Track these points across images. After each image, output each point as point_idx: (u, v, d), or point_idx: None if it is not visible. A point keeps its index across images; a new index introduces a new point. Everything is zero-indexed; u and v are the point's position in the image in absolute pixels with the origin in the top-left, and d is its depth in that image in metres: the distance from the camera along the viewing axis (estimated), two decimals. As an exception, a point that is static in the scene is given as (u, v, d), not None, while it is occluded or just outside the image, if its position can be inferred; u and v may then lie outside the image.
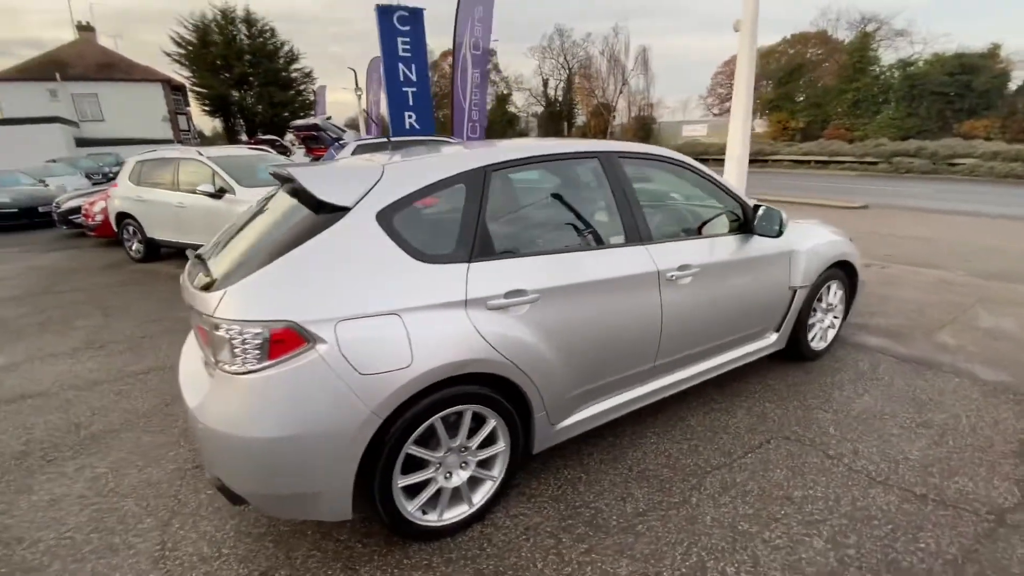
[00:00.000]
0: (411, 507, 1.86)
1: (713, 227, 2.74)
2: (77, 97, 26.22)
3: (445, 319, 1.76)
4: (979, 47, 28.72)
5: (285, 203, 2.04)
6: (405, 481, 1.82)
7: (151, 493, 2.31)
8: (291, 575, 1.83)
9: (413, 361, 1.66)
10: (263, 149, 8.75)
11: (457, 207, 1.93)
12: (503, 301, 1.87)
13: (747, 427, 2.68)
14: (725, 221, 2.77)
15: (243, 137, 33.25)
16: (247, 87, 35.63)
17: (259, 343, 1.55)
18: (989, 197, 12.89)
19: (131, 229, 7.29)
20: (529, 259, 2.02)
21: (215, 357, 1.63)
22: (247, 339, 1.55)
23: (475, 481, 2.03)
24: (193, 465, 2.48)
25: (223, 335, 1.57)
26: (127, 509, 2.21)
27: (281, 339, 1.56)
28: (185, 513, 2.17)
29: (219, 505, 2.19)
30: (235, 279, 1.64)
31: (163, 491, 2.32)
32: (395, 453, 1.73)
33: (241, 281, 1.62)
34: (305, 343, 1.57)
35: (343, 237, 1.70)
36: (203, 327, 1.68)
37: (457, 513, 1.97)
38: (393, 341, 1.66)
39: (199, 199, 6.13)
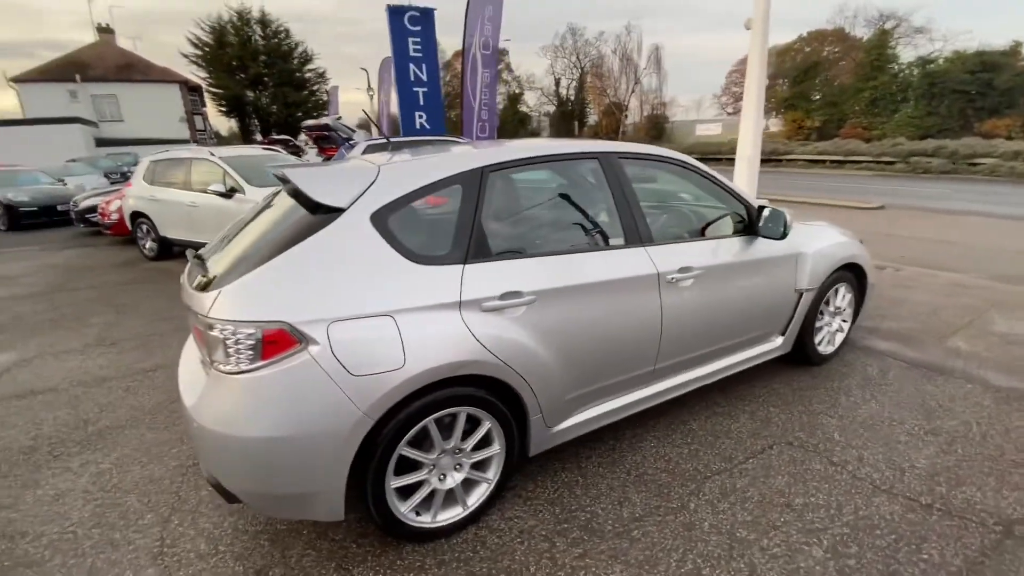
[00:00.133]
0: (404, 508, 1.86)
1: (716, 229, 2.70)
2: (97, 98, 26.77)
3: (439, 320, 1.75)
4: (1001, 44, 28.14)
5: (285, 204, 2.06)
6: (398, 482, 1.82)
7: (153, 489, 2.34)
8: (286, 574, 1.84)
9: (406, 362, 1.66)
10: (274, 149, 8.84)
11: (453, 208, 1.93)
12: (498, 303, 1.86)
13: (750, 432, 2.64)
14: (729, 223, 2.73)
15: (258, 137, 33.63)
16: (262, 87, 36.05)
17: (252, 343, 1.56)
18: (1010, 198, 12.56)
19: (145, 228, 7.42)
20: (525, 260, 2.00)
21: (210, 357, 1.65)
22: (240, 339, 1.57)
23: (470, 483, 2.02)
24: (194, 462, 2.51)
25: (217, 335, 1.59)
26: (129, 505, 2.24)
27: (274, 340, 1.57)
28: (185, 510, 2.19)
29: (218, 503, 2.21)
30: (230, 279, 1.66)
31: (164, 487, 2.35)
32: (388, 454, 1.74)
33: (236, 281, 1.63)
34: (298, 344, 1.57)
35: (337, 238, 1.71)
36: (199, 327, 1.69)
37: (451, 515, 1.97)
38: (386, 342, 1.66)
39: (210, 199, 6.22)
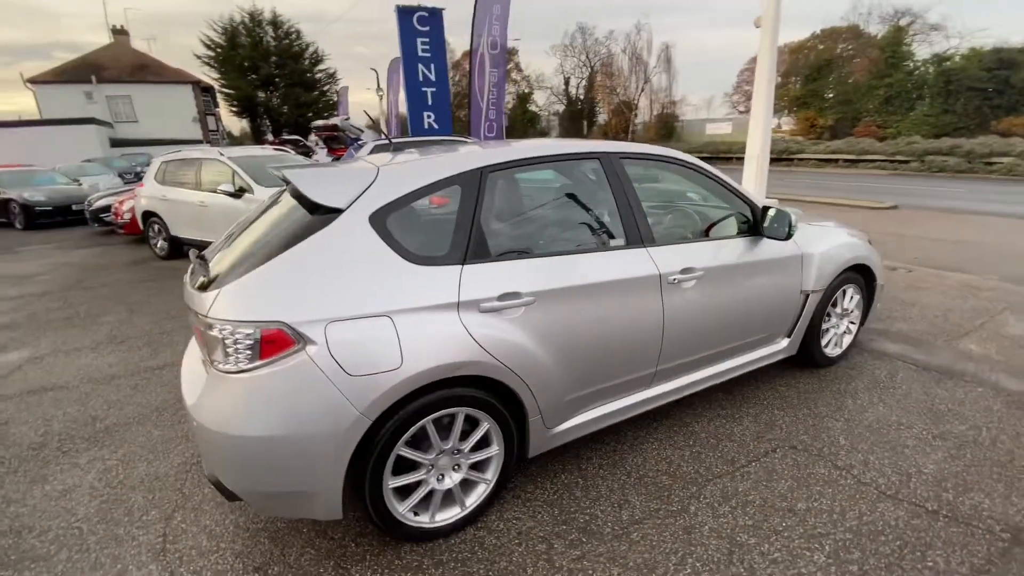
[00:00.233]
0: (402, 508, 1.86)
1: (720, 229, 2.67)
2: (111, 99, 27.14)
3: (436, 321, 1.75)
4: (1019, 42, 27.59)
5: (287, 205, 2.07)
6: (396, 482, 1.82)
7: (157, 486, 2.37)
8: (284, 572, 1.85)
9: (403, 363, 1.67)
10: (283, 149, 8.92)
11: (452, 209, 1.93)
12: (496, 304, 1.86)
13: (753, 435, 2.61)
14: (733, 223, 2.71)
15: (269, 137, 33.92)
16: (273, 88, 36.32)
17: (251, 343, 1.58)
18: (1028, 198, 12.33)
19: (156, 227, 7.52)
20: (524, 261, 1.99)
21: (209, 356, 1.66)
22: (239, 339, 1.58)
23: (468, 484, 2.02)
24: (197, 460, 2.54)
25: (216, 335, 1.60)
26: (134, 501, 2.27)
27: (272, 339, 1.58)
28: (188, 507, 2.22)
29: (221, 500, 2.23)
30: (230, 280, 1.67)
31: (169, 484, 2.38)
32: (385, 454, 1.74)
33: (235, 282, 1.65)
34: (295, 344, 1.58)
35: (335, 239, 1.72)
36: (199, 327, 1.71)
37: (449, 515, 1.97)
38: (383, 343, 1.66)
39: (220, 198, 6.30)
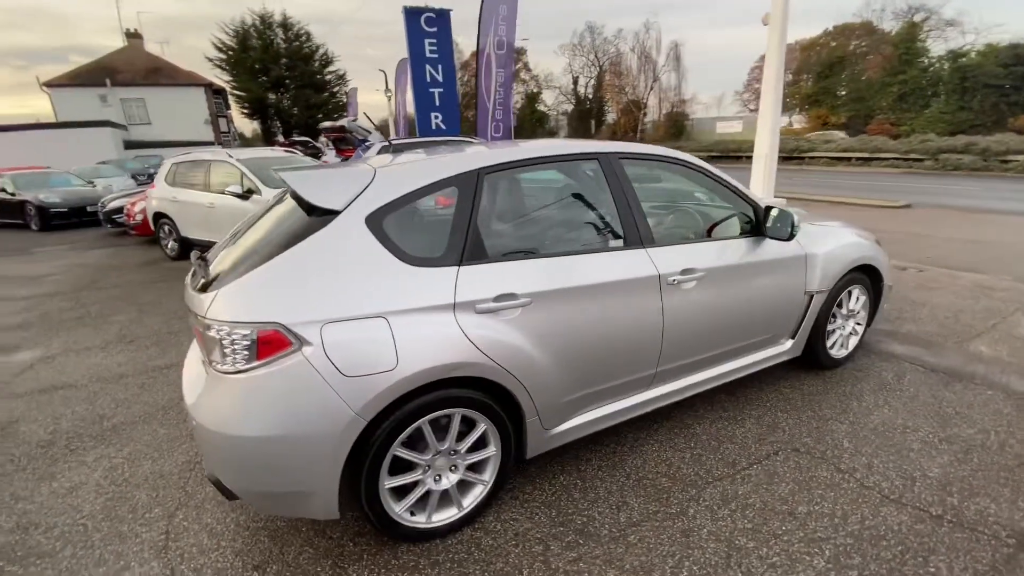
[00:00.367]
0: (399, 508, 1.87)
1: (722, 230, 2.65)
2: (125, 101, 27.53)
3: (432, 322, 1.76)
4: (1037, 37, 27.02)
5: (286, 206, 2.09)
6: (392, 482, 1.83)
7: (161, 484, 2.40)
8: (282, 570, 1.87)
9: (398, 364, 1.67)
10: (292, 151, 9.00)
11: (449, 210, 1.93)
12: (493, 305, 1.86)
13: (755, 437, 2.59)
14: (735, 223, 2.68)
15: (280, 138, 34.24)
16: (283, 90, 36.67)
17: (247, 344, 1.59)
18: (1046, 196, 12.08)
19: (167, 228, 7.63)
20: (521, 262, 1.99)
21: (208, 357, 1.68)
22: (236, 340, 1.60)
23: (465, 485, 2.03)
24: (200, 459, 2.57)
25: (214, 335, 1.62)
26: (138, 499, 2.30)
27: (268, 340, 1.59)
28: (190, 505, 2.25)
29: (222, 498, 2.26)
30: (228, 281, 1.69)
31: (172, 482, 2.41)
32: (381, 455, 1.75)
33: (232, 283, 1.67)
34: (291, 345, 1.60)
35: (332, 240, 1.73)
36: (198, 327, 1.73)
37: (446, 516, 1.98)
38: (379, 344, 1.67)
39: (228, 200, 6.36)
